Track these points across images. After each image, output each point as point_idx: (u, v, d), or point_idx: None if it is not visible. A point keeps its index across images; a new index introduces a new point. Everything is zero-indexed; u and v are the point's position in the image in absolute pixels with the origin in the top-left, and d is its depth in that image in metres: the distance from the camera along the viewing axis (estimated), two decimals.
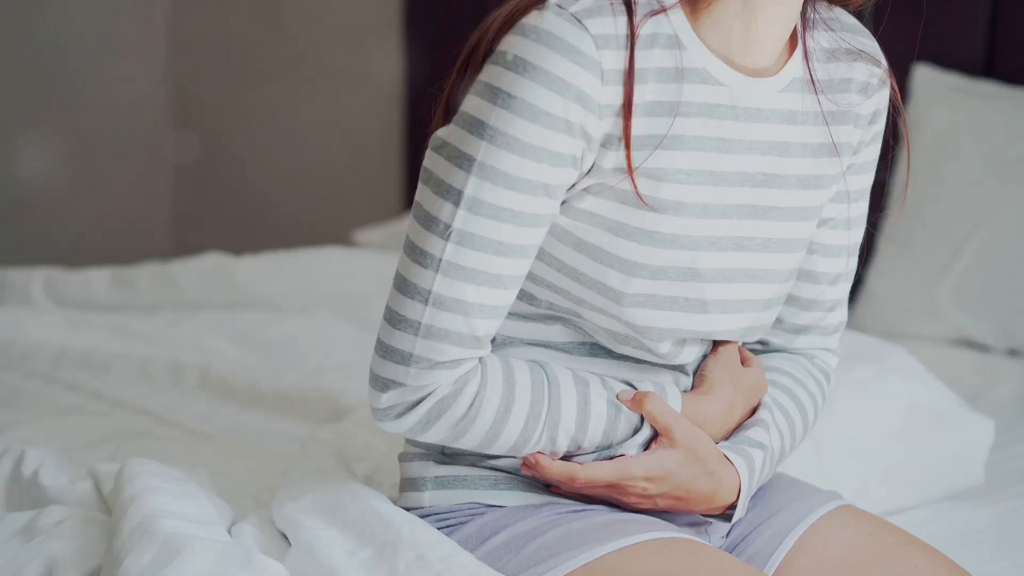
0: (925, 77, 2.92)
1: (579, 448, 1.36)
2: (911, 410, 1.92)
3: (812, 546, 1.43)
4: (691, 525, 1.42)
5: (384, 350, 1.32)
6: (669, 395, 1.38)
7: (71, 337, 2.54)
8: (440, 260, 1.29)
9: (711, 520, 1.43)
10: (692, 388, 1.43)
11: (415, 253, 1.30)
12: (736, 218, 1.37)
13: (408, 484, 1.43)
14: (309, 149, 3.95)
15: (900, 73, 2.92)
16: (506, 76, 1.27)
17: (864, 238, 3.06)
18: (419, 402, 1.32)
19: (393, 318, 1.31)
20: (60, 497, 1.58)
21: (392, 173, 3.74)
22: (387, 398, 1.32)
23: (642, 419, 1.37)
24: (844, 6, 1.45)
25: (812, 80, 1.41)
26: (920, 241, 2.80)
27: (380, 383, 1.32)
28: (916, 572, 1.40)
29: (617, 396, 1.37)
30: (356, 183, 3.90)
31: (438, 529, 1.39)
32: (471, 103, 1.29)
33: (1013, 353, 2.68)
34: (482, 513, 1.38)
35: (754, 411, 1.44)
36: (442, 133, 1.32)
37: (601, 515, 1.37)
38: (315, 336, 2.57)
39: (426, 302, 1.29)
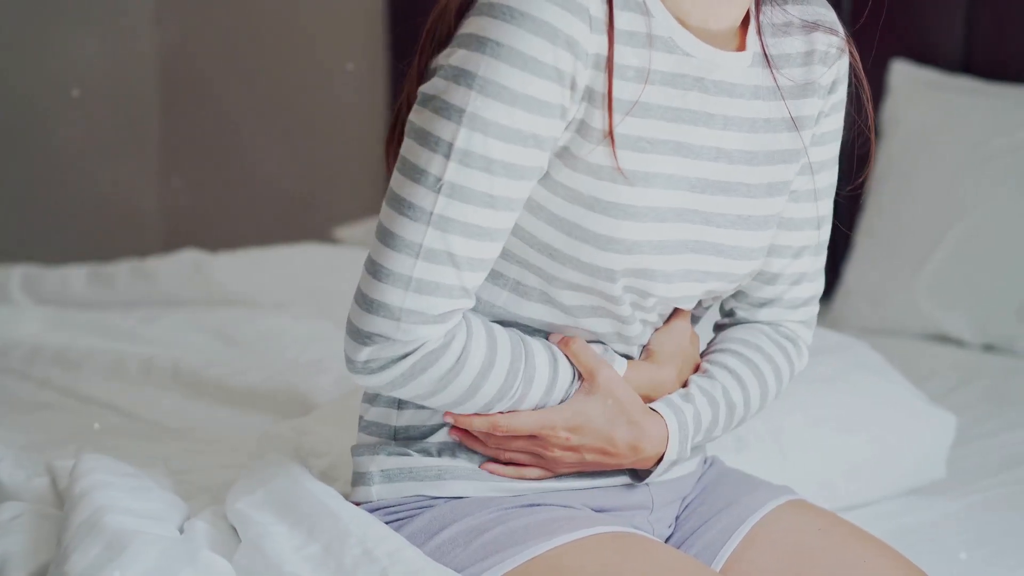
0: (902, 73, 2.92)
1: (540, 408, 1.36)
2: (873, 405, 1.93)
3: (761, 540, 1.43)
4: (635, 509, 1.43)
5: (368, 304, 1.29)
6: (617, 361, 1.38)
7: (47, 334, 2.54)
8: (431, 213, 1.26)
9: (651, 484, 1.43)
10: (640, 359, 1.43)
11: (402, 206, 1.27)
12: (708, 193, 1.36)
13: (357, 478, 1.42)
14: (292, 146, 3.96)
15: (878, 69, 2.94)
16: (493, 24, 1.25)
17: (841, 234, 3.07)
18: (405, 356, 1.29)
19: (379, 271, 1.28)
20: (16, 493, 1.58)
21: (375, 170, 3.74)
22: (369, 351, 1.29)
23: None
24: None
25: (766, 55, 1.40)
26: (897, 236, 2.81)
27: (362, 336, 1.29)
28: (864, 566, 1.40)
29: (547, 337, 1.36)
30: (339, 180, 3.90)
31: (388, 523, 1.39)
32: (457, 55, 1.27)
33: (988, 348, 2.69)
34: (431, 507, 1.38)
35: None
36: (427, 88, 1.28)
37: (549, 511, 1.37)
38: (291, 332, 2.57)
39: (416, 256, 1.27)
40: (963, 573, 1.69)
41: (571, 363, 1.36)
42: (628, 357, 1.41)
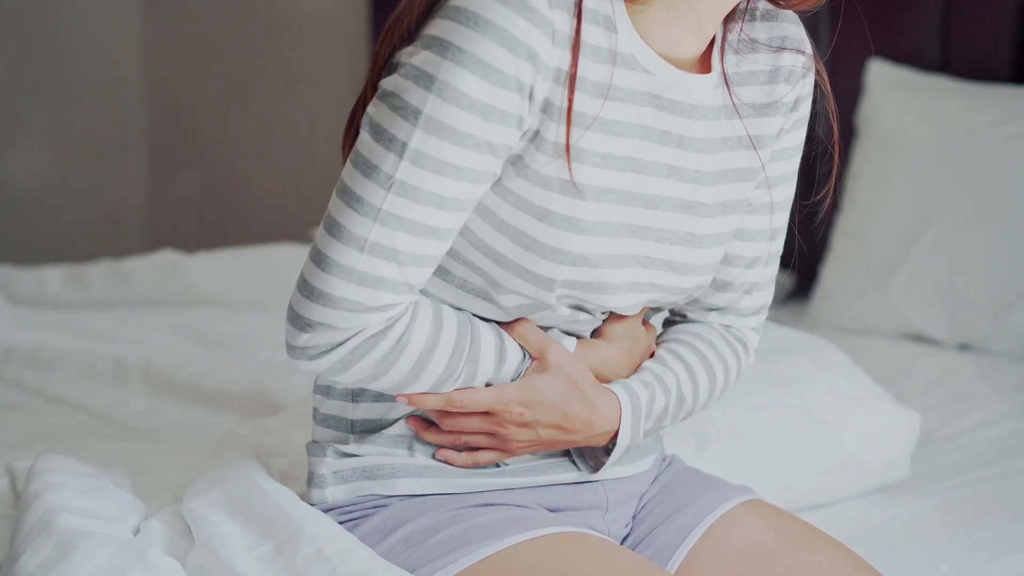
0: (879, 72, 2.92)
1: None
2: (837, 404, 1.93)
3: (717, 540, 1.43)
4: (589, 508, 1.43)
5: (310, 291, 1.29)
6: (565, 339, 1.39)
7: (21, 335, 2.54)
8: (379, 209, 1.27)
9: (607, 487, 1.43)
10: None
11: (351, 199, 1.28)
12: (661, 209, 1.37)
13: (311, 479, 1.42)
14: (271, 147, 3.96)
15: (855, 68, 2.94)
16: (457, 30, 1.25)
17: (817, 233, 3.06)
18: (345, 341, 1.30)
19: (323, 261, 1.29)
20: None
21: None
22: (308, 338, 1.30)
23: None
24: (788, 8, 1.43)
25: (725, 75, 1.40)
26: (873, 236, 2.81)
27: (302, 323, 1.30)
28: (819, 567, 1.40)
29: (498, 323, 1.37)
30: (317, 180, 3.90)
31: (342, 523, 1.39)
32: (420, 56, 1.27)
33: (963, 348, 2.69)
34: (385, 506, 1.38)
35: None
36: (387, 83, 1.29)
37: (502, 511, 1.37)
38: (264, 332, 2.57)
39: (361, 249, 1.27)
40: (925, 573, 1.70)
41: (518, 343, 1.37)
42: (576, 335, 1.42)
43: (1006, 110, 2.75)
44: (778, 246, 1.51)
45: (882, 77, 2.91)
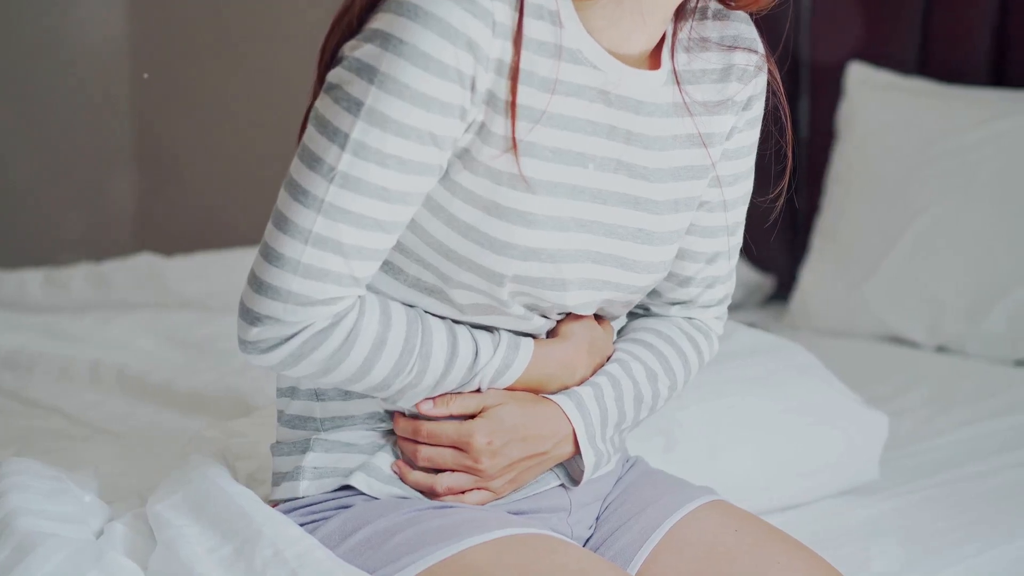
0: (859, 74, 2.93)
1: (441, 386, 1.38)
2: (806, 406, 1.93)
3: (678, 542, 1.43)
4: (553, 511, 1.43)
5: (259, 285, 1.30)
6: (522, 345, 1.39)
7: (0, 338, 2.55)
8: (322, 201, 1.28)
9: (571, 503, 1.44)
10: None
11: (296, 192, 1.29)
12: (610, 204, 1.37)
13: (283, 476, 1.43)
14: (261, 150, 3.97)
15: (835, 71, 2.95)
16: (398, 22, 1.27)
17: (798, 235, 3.06)
18: (293, 336, 1.31)
19: (270, 254, 1.30)
20: None
21: None
22: (257, 332, 1.31)
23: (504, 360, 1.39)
24: (738, 8, 1.43)
25: (675, 73, 1.41)
26: (852, 238, 2.82)
27: (251, 316, 1.31)
28: (779, 567, 1.40)
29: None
30: None
31: (304, 524, 1.39)
32: (362, 49, 1.28)
33: (941, 350, 2.70)
34: (345, 508, 1.39)
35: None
36: (331, 76, 1.30)
37: (462, 513, 1.37)
38: None
39: (305, 241, 1.28)
40: (897, 571, 1.70)
41: (472, 339, 1.37)
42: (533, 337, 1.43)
43: (984, 113, 2.76)
44: (737, 240, 1.52)
45: (861, 80, 2.92)
